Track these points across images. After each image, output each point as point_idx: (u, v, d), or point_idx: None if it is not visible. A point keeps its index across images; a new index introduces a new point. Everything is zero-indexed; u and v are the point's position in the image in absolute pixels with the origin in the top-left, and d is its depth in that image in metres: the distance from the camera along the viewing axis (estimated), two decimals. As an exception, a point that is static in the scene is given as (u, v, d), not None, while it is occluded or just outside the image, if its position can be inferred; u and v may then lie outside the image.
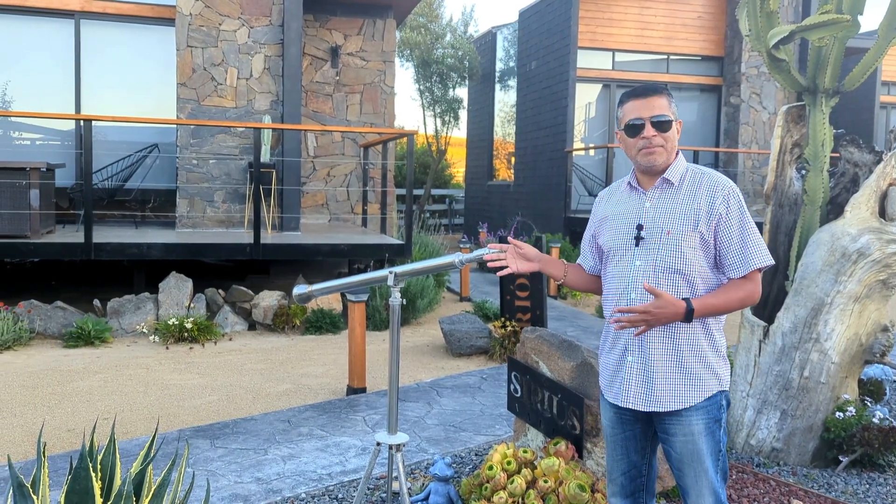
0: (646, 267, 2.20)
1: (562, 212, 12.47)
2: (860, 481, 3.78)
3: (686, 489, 2.22)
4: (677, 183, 2.22)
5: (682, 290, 2.17)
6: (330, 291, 3.02)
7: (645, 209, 2.24)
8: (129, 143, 8.89)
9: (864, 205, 3.99)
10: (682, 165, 2.25)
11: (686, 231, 2.16)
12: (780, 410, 4.00)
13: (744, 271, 2.15)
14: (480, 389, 5.43)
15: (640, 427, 2.30)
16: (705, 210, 2.16)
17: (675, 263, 2.16)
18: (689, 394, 2.18)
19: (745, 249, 2.15)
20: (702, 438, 2.18)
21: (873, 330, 4.05)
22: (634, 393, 2.23)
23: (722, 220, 2.16)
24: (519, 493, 2.94)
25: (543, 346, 3.48)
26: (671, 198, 2.21)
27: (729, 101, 13.67)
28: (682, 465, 2.21)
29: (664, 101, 2.20)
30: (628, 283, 2.23)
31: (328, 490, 3.58)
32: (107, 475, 2.50)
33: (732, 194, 2.18)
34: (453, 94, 18.53)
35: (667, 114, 2.19)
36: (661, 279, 2.18)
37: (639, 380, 2.22)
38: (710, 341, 2.20)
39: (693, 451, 2.18)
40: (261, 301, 7.48)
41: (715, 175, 2.22)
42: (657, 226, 2.20)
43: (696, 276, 2.17)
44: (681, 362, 2.18)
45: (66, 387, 5.40)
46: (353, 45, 10.60)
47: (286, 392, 5.36)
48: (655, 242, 2.19)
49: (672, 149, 2.23)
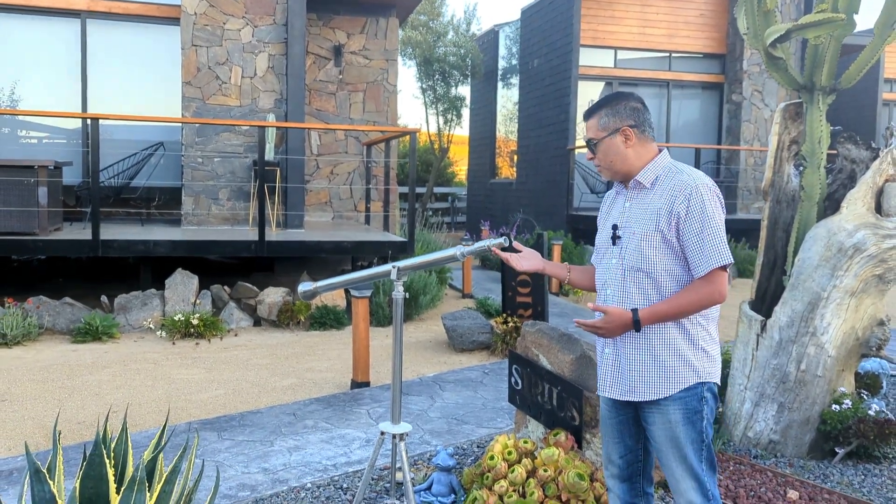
0: (618, 265, 2.31)
1: (564, 209, 12.53)
2: (856, 472, 3.85)
3: (668, 476, 2.30)
4: (649, 185, 2.30)
5: (649, 289, 2.25)
6: (335, 288, 3.09)
7: (623, 209, 2.35)
8: (134, 142, 8.98)
9: (861, 200, 4.05)
10: (658, 166, 2.30)
11: (647, 231, 2.24)
12: (777, 403, 4.07)
13: (703, 271, 2.18)
14: (482, 384, 5.50)
15: (633, 413, 2.39)
16: (665, 211, 2.22)
17: (638, 263, 2.26)
18: (663, 385, 2.25)
19: (703, 249, 2.17)
20: (679, 427, 2.25)
21: (869, 324, 4.11)
22: (611, 383, 2.35)
23: (682, 221, 2.20)
24: (519, 482, 3.01)
25: (543, 340, 3.55)
26: (643, 199, 2.30)
27: (731, 99, 13.71)
28: (661, 453, 2.30)
29: (593, 121, 2.33)
30: (606, 280, 2.36)
31: (333, 480, 3.65)
32: (119, 463, 2.58)
33: (695, 194, 2.18)
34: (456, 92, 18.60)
35: (591, 136, 2.34)
36: (628, 277, 2.29)
37: (614, 371, 2.34)
38: (685, 335, 2.26)
39: (672, 438, 2.26)
40: (265, 297, 7.56)
41: (684, 175, 2.24)
42: (628, 226, 2.30)
43: (663, 276, 2.23)
44: (653, 355, 2.26)
45: (76, 381, 5.49)
46: (355, 43, 10.67)
47: (291, 386, 5.44)
48: (627, 242, 2.30)
49: (612, 163, 2.31)
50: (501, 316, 6.56)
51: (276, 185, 8.63)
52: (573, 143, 12.65)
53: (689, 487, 2.26)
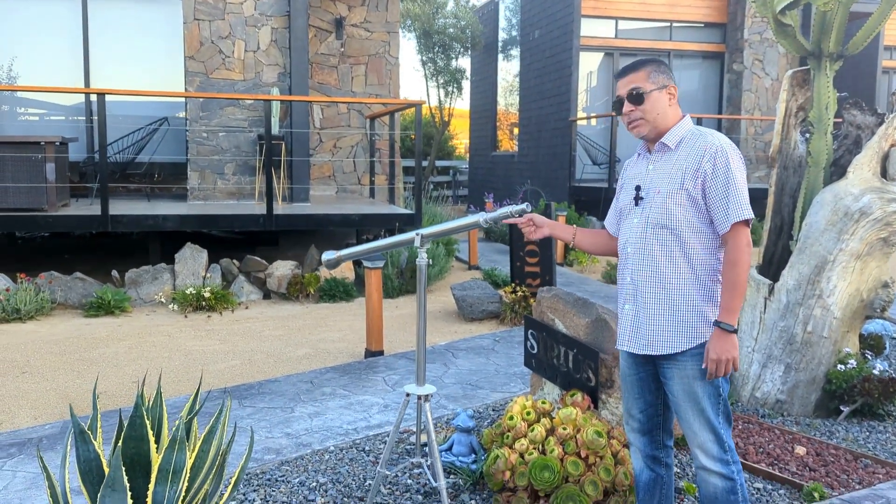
0: (640, 224, 2.40)
1: (566, 181, 12.58)
2: (860, 429, 3.96)
3: (685, 430, 2.40)
4: (674, 146, 2.38)
5: (672, 244, 2.34)
6: (359, 256, 3.17)
7: (647, 171, 2.43)
8: (138, 118, 8.99)
9: (867, 165, 4.13)
10: (683, 129, 2.39)
11: (673, 189, 2.33)
12: (784, 364, 4.18)
13: (728, 225, 2.28)
14: (494, 351, 5.61)
15: (651, 368, 2.48)
16: (692, 169, 2.31)
17: (661, 219, 2.34)
18: (680, 339, 2.34)
19: (729, 205, 2.27)
20: (696, 382, 2.34)
21: (874, 286, 4.20)
22: (630, 338, 2.44)
23: (708, 178, 2.29)
24: (539, 440, 3.12)
25: (559, 305, 3.64)
26: (668, 160, 2.38)
27: (732, 68, 13.69)
28: (680, 407, 2.39)
29: (641, 73, 2.37)
30: (627, 238, 2.45)
31: (355, 443, 3.76)
32: (155, 425, 2.68)
33: (720, 153, 2.28)
34: (456, 65, 18.53)
35: (640, 85, 2.36)
36: (650, 234, 2.37)
37: (633, 326, 2.43)
38: (701, 290, 2.34)
39: (689, 392, 2.35)
40: (275, 271, 7.64)
41: (710, 136, 2.34)
42: (652, 186, 2.39)
43: (686, 231, 2.33)
44: (671, 310, 2.35)
45: (93, 353, 5.58)
46: (356, 16, 10.63)
47: (306, 356, 5.55)
48: (650, 201, 2.38)
49: (657, 117, 2.37)
50: (510, 285, 6.65)
51: (281, 159, 8.67)
52: (575, 115, 12.65)
53: (706, 440, 2.36)
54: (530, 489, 2.99)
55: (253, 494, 3.18)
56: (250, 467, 3.46)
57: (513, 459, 3.05)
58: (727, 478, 2.36)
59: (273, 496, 3.17)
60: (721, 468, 2.36)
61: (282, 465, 3.49)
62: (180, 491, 2.43)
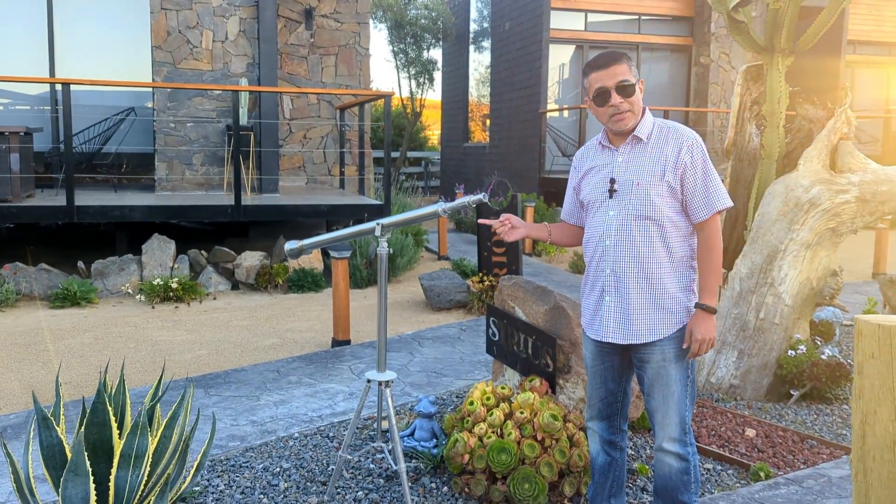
0: (619, 216, 2.46)
1: (536, 172, 12.70)
2: (809, 412, 4.12)
3: (653, 411, 2.50)
4: (646, 139, 2.46)
5: (654, 235, 2.43)
6: (320, 245, 3.23)
7: (617, 164, 2.49)
8: (104, 108, 8.91)
9: (817, 158, 4.27)
10: (649, 122, 2.48)
11: (654, 181, 2.41)
12: (737, 350, 4.32)
13: (707, 213, 2.40)
14: (460, 339, 5.70)
15: (618, 358, 2.57)
16: (672, 161, 2.40)
17: (645, 211, 2.42)
18: (663, 327, 2.44)
19: (708, 193, 2.40)
20: (672, 364, 2.45)
21: (823, 275, 4.36)
22: (614, 329, 2.50)
23: (687, 169, 2.40)
24: (498, 424, 3.21)
25: (519, 293, 3.73)
26: (641, 153, 2.45)
27: (699, 62, 13.90)
28: (653, 388, 2.49)
29: (624, 66, 2.42)
30: (603, 230, 2.50)
31: (319, 430, 3.83)
32: (118, 412, 2.72)
33: (696, 145, 2.42)
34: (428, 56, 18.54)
35: (628, 78, 2.41)
36: (632, 226, 2.44)
37: (617, 317, 2.49)
38: (680, 278, 2.45)
39: (664, 375, 2.45)
40: (243, 261, 7.66)
41: (680, 128, 2.46)
42: (628, 178, 2.45)
43: (665, 222, 2.42)
44: (653, 300, 2.44)
45: (58, 344, 5.57)
46: (326, 6, 10.60)
47: (273, 346, 5.59)
48: (627, 193, 2.45)
49: (639, 110, 2.46)
50: (478, 275, 6.74)
51: (250, 150, 8.66)
52: (545, 107, 12.76)
53: (671, 422, 2.46)
54: (488, 471, 3.08)
55: (217, 480, 3.23)
56: (215, 454, 3.51)
57: (472, 443, 3.14)
58: (683, 459, 2.48)
59: (237, 481, 3.23)
60: (679, 449, 2.47)
61: (246, 452, 3.55)
62: (143, 475, 2.48)
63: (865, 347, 1.83)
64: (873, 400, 1.81)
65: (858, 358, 1.91)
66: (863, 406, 1.85)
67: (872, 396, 1.81)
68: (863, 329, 1.89)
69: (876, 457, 1.80)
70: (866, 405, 1.83)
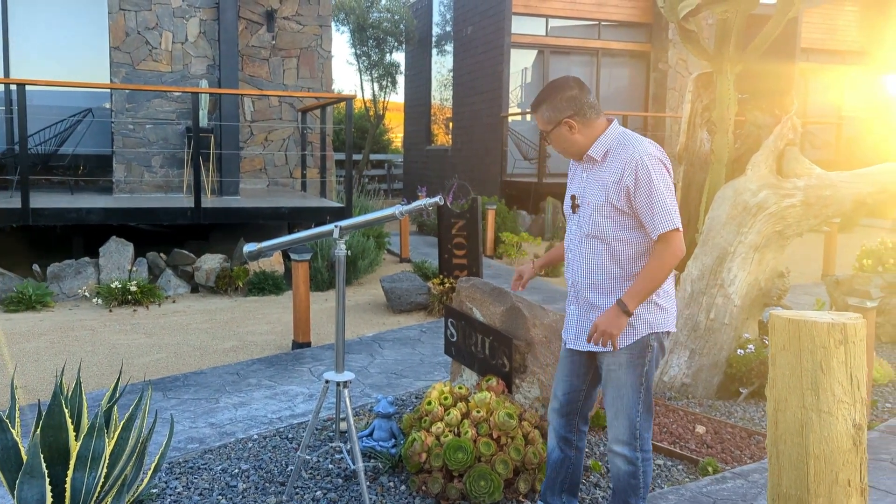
0: (577, 232, 2.57)
1: (498, 175, 12.82)
2: (756, 409, 4.26)
3: (607, 411, 2.60)
4: (601, 158, 2.50)
5: (602, 253, 2.49)
6: (279, 248, 3.27)
7: (581, 180, 2.57)
8: (61, 108, 8.76)
9: (764, 163, 4.43)
10: (608, 139, 2.50)
11: (598, 202, 2.47)
12: (689, 350, 4.45)
13: (656, 235, 2.41)
14: (420, 341, 5.75)
15: (586, 357, 2.66)
16: (614, 184, 2.43)
17: (591, 230, 2.50)
18: (620, 338, 2.48)
19: (654, 216, 2.39)
20: (623, 370, 2.52)
21: (771, 276, 4.52)
22: (575, 336, 2.62)
23: (631, 192, 2.41)
24: (455, 423, 3.27)
25: (476, 294, 3.80)
26: (598, 172, 2.51)
27: (657, 67, 14.17)
28: (606, 389, 2.58)
29: (538, 116, 2.54)
30: (568, 243, 2.62)
31: (279, 431, 3.85)
32: (74, 414, 2.72)
33: (640, 166, 2.37)
34: (390, 59, 18.58)
35: (542, 129, 2.56)
36: (584, 243, 2.53)
37: (578, 326, 2.60)
38: None
39: (615, 379, 2.54)
40: (203, 264, 7.60)
41: (630, 148, 2.43)
42: (585, 196, 2.53)
43: (615, 241, 2.47)
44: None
45: (13, 348, 5.48)
46: (288, 8, 10.58)
47: (233, 348, 5.58)
48: (583, 211, 2.53)
49: (566, 148, 2.54)
50: (438, 277, 6.80)
51: (210, 152, 8.60)
52: (506, 111, 12.89)
53: (620, 425, 2.54)
54: (445, 469, 3.14)
55: (175, 482, 3.24)
56: (173, 456, 3.51)
57: (429, 442, 3.20)
58: (631, 462, 2.56)
59: (195, 483, 3.23)
60: (627, 452, 2.55)
61: (205, 454, 3.55)
62: (99, 477, 2.48)
63: (777, 340, 1.94)
64: (784, 388, 1.92)
65: (772, 350, 2.02)
66: (775, 394, 1.96)
67: (784, 385, 1.92)
68: (775, 323, 2.00)
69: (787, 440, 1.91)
70: (778, 393, 1.94)
